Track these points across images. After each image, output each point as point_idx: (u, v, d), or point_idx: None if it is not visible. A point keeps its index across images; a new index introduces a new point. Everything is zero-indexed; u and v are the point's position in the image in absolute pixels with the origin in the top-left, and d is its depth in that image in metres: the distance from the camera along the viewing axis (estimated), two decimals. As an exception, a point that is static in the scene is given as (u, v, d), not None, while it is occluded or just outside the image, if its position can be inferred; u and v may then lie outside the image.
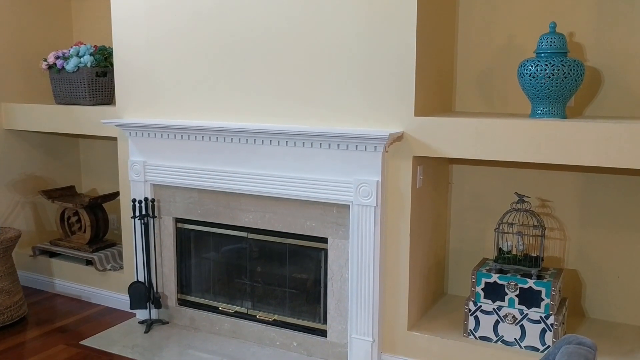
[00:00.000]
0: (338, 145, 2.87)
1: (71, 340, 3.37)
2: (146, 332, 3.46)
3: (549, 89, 2.59)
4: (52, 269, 4.11)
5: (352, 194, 2.88)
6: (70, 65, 3.78)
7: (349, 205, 2.93)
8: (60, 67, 3.84)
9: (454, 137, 2.69)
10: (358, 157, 2.85)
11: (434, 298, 3.32)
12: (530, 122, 2.55)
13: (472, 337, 2.88)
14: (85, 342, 3.35)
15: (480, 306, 2.85)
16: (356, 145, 2.83)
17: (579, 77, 2.60)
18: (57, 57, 3.86)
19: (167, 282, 3.58)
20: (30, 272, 4.20)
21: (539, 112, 2.68)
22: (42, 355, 3.20)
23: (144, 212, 3.47)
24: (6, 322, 3.50)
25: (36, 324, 3.61)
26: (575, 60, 2.60)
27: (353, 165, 2.87)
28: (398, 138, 2.81)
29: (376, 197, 2.83)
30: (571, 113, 2.95)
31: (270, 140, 3.04)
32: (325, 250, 3.08)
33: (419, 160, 2.89)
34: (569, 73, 2.57)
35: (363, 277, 2.92)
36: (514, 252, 2.94)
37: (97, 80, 3.84)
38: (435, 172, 3.15)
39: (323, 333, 3.15)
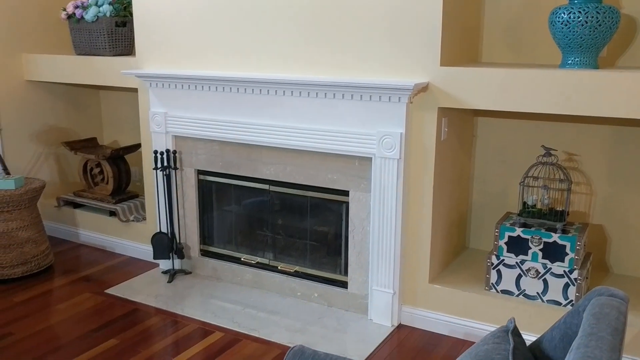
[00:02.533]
0: (361, 96, 2.82)
1: (96, 289, 3.45)
2: (169, 281, 3.52)
3: (581, 37, 2.49)
4: (76, 220, 4.17)
5: (375, 146, 2.84)
6: (89, 15, 3.73)
7: (371, 157, 2.90)
8: (79, 17, 3.80)
9: (480, 88, 2.62)
10: (382, 108, 2.80)
11: (456, 251, 3.31)
12: (560, 73, 2.47)
13: (493, 290, 2.87)
14: (110, 291, 3.42)
15: (503, 260, 2.84)
16: (380, 96, 2.77)
17: (613, 25, 2.49)
18: (76, 7, 3.82)
19: (189, 233, 3.62)
20: (55, 222, 4.27)
21: (569, 62, 2.59)
22: (69, 303, 3.28)
23: (165, 164, 3.48)
24: (33, 271, 3.59)
25: (62, 272, 3.69)
26: (610, 7, 2.48)
27: (376, 117, 2.82)
28: (423, 89, 2.75)
29: (399, 150, 2.79)
30: (603, 63, 2.85)
31: (292, 91, 2.99)
32: (347, 203, 3.07)
33: (444, 112, 2.83)
34: (603, 21, 2.46)
35: (384, 230, 2.92)
36: (538, 206, 2.90)
37: (116, 30, 3.80)
38: (460, 124, 3.09)
39: (344, 285, 3.18)
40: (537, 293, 2.78)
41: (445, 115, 2.85)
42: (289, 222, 3.36)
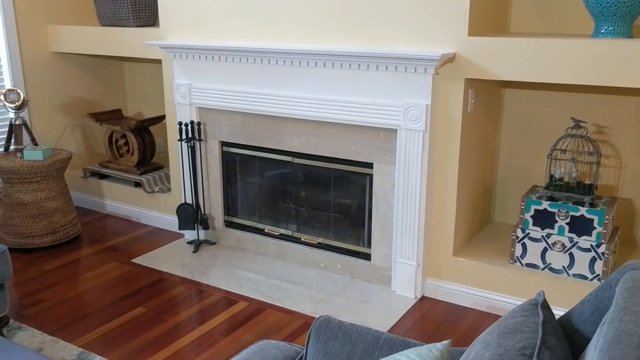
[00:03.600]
0: (387, 66, 2.78)
1: (123, 258, 3.51)
2: (194, 252, 3.57)
3: (615, 5, 2.41)
4: (102, 190, 4.23)
5: (400, 118, 2.81)
6: (113, -14, 3.72)
7: (396, 129, 2.87)
8: (103, -12, 3.79)
9: (509, 58, 2.57)
10: (407, 79, 2.76)
11: (480, 225, 3.29)
12: (592, 42, 2.40)
13: (518, 264, 2.86)
14: (136, 260, 3.48)
15: (529, 233, 2.81)
16: (406, 67, 2.73)
17: (650, -8, 2.41)
18: (100, -23, 3.80)
19: (214, 204, 3.65)
20: (82, 193, 4.34)
21: (602, 31, 2.51)
22: (96, 272, 3.34)
23: (190, 136, 3.50)
24: (62, 240, 3.66)
25: (89, 242, 3.76)
26: (647, -26, 2.40)
27: (402, 88, 2.78)
28: (450, 59, 2.70)
29: (425, 121, 2.75)
30: (638, 32, 2.76)
31: (317, 62, 2.96)
32: (371, 175, 3.06)
33: (471, 83, 2.78)
34: (639, -12, 2.38)
35: (409, 202, 2.90)
36: (566, 179, 2.86)
37: (140, 0, 3.78)
38: (487, 96, 3.03)
39: (367, 256, 3.18)
40: (563, 267, 2.75)
41: (472, 87, 2.80)
42: (313, 194, 3.37)
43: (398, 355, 1.12)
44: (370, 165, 3.04)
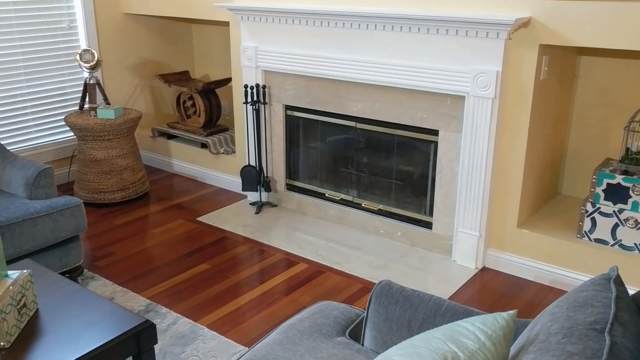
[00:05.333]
0: (457, 31, 2.70)
1: (188, 216, 3.62)
2: (257, 213, 3.64)
3: None
4: (169, 150, 4.35)
5: (469, 84, 2.74)
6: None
7: (464, 96, 2.80)
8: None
9: (589, 23, 2.44)
10: (478, 44, 2.67)
11: (547, 197, 3.19)
12: (683, 7, 2.24)
13: (585, 238, 2.76)
14: (201, 219, 3.58)
15: (599, 208, 2.71)
16: (477, 32, 2.64)
17: None
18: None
19: (276, 167, 3.69)
20: (151, 152, 4.48)
21: (695, -5, 2.34)
22: (163, 228, 3.47)
23: (255, 98, 3.53)
24: (131, 196, 3.81)
25: (157, 199, 3.90)
26: None
27: (471, 54, 2.70)
28: (524, 24, 2.59)
29: (495, 89, 2.67)
30: None
31: (384, 25, 2.91)
32: (436, 142, 3.01)
33: (545, 50, 2.66)
34: None
35: (474, 171, 2.85)
36: (643, 153, 2.72)
37: (209, -38, 3.80)
38: (561, 63, 2.90)
39: (428, 225, 3.16)
40: (635, 244, 2.65)
41: (547, 53, 2.68)
42: (374, 160, 3.35)
43: (462, 322, 1.11)
44: (435, 133, 2.99)
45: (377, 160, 3.34)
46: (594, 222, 2.73)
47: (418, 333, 1.49)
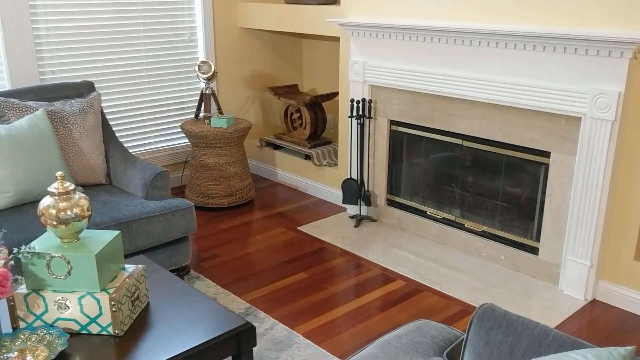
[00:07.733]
0: (576, 49, 2.58)
1: (289, 225, 3.71)
2: (356, 226, 3.65)
3: None
4: (275, 160, 4.49)
5: (587, 105, 2.60)
6: (299, -35, 3.87)
7: (580, 117, 2.66)
8: (290, -33, 3.96)
9: None
10: (598, 63, 2.53)
11: (670, 229, 2.95)
12: None
13: None
14: (301, 228, 3.65)
15: None
16: (598, 50, 2.51)
17: None
18: (288, -43, 3.98)
19: (377, 181, 3.69)
20: (257, 161, 4.64)
21: None
22: (265, 235, 3.57)
23: (360, 113, 3.56)
24: (237, 202, 3.96)
25: (261, 207, 4.03)
26: None
27: (590, 73, 2.57)
28: (652, 43, 2.43)
29: (615, 110, 2.52)
30: None
31: (497, 43, 2.84)
32: (547, 165, 2.88)
33: (676, 71, 2.48)
34: None
35: (588, 197, 2.69)
36: None
37: (323, -21, 3.90)
38: (694, 85, 2.68)
39: (534, 250, 3.02)
40: None
41: (677, 74, 2.50)
42: (480, 179, 3.26)
43: (572, 353, 1.05)
44: (546, 154, 2.86)
45: (483, 179, 3.24)
46: None
47: (521, 361, 1.43)
